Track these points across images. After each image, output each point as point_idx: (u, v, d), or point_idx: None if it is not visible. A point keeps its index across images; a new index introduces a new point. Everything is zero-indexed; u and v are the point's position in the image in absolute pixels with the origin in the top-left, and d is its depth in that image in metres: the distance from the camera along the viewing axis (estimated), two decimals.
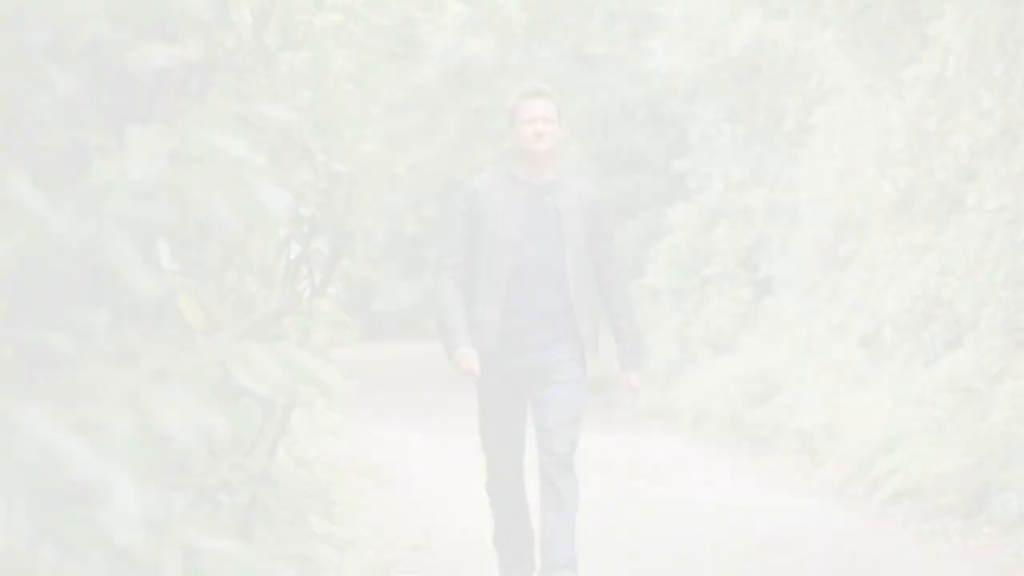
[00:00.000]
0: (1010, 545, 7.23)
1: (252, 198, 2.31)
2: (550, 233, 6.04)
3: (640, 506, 8.95)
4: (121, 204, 2.42)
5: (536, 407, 6.12)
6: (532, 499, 6.17)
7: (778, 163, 13.82)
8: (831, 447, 9.88)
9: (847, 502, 8.89)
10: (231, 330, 2.20)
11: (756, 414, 11.72)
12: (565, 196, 6.08)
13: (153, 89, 3.12)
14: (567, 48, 15.89)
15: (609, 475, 9.77)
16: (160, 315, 3.21)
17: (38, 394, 2.33)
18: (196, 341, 3.40)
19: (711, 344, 13.80)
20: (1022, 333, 8.43)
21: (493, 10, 16.02)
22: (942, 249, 9.67)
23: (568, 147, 17.17)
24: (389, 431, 13.15)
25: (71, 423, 2.18)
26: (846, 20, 10.76)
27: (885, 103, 10.75)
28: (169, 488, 3.59)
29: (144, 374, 2.26)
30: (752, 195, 14.01)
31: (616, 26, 15.59)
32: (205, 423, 2.05)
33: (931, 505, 8.01)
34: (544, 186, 6.08)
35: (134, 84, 3.09)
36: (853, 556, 7.36)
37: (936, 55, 9.27)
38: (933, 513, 7.97)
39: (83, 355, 2.42)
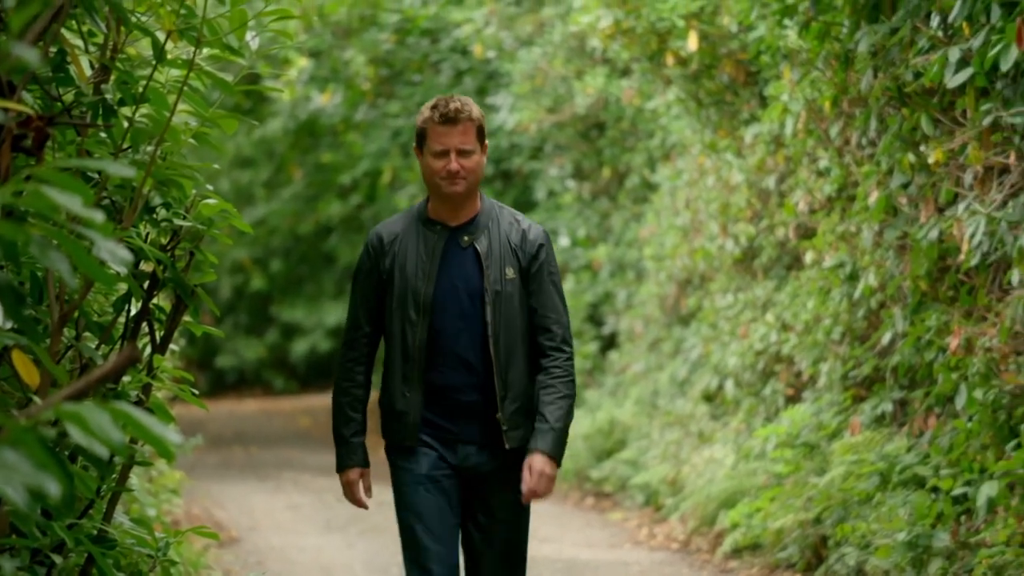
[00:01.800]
0: None
1: (90, 254, 2.27)
2: (471, 287, 4.91)
3: None
4: None
5: (468, 537, 5.00)
6: None
7: (623, 220, 13.97)
8: (675, 502, 9.96)
9: (691, 556, 8.97)
10: (68, 388, 2.15)
11: (602, 469, 11.78)
12: (489, 237, 4.94)
13: None
14: (414, 104, 15.93)
15: None
16: None
17: None
18: (31, 399, 3.33)
19: None
20: (859, 389, 8.59)
21: (340, 66, 16.01)
22: (782, 305, 9.84)
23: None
24: (232, 488, 12.97)
25: None
26: (688, 80, 10.94)
27: (727, 161, 10.94)
28: (1, 551, 3.50)
29: None
30: (598, 251, 14.15)
31: (463, 83, 15.67)
32: (38, 484, 2.00)
33: (771, 559, 8.11)
34: (464, 225, 4.95)
35: None
36: None
37: (775, 115, 9.46)
38: (773, 567, 8.07)
39: None
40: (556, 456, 4.80)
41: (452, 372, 4.92)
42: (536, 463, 4.81)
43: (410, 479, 4.92)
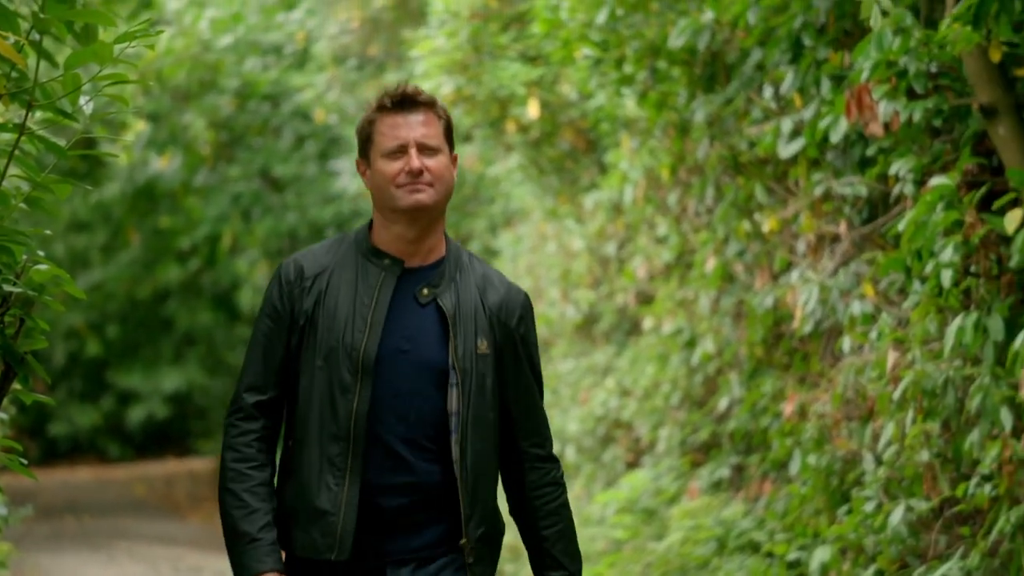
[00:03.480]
0: None
1: None
2: (429, 352, 3.64)
3: None
4: None
5: None
6: None
7: None
8: (515, 568, 9.94)
9: None
10: None
11: None
12: (458, 293, 3.68)
13: None
14: (255, 169, 15.83)
15: None
16: None
17: None
18: None
19: None
20: (697, 454, 8.67)
21: (179, 130, 15.85)
22: (622, 371, 9.91)
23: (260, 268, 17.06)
24: (64, 560, 12.65)
25: None
26: (529, 147, 11.02)
27: (567, 228, 11.02)
28: None
29: None
30: None
31: (304, 147, 15.62)
32: None
33: None
34: (423, 270, 3.68)
35: None
36: None
37: (614, 183, 9.56)
38: None
39: None
40: None
41: (388, 469, 3.63)
42: None
43: None
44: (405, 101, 3.67)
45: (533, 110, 10.53)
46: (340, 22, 13.65)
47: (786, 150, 6.85)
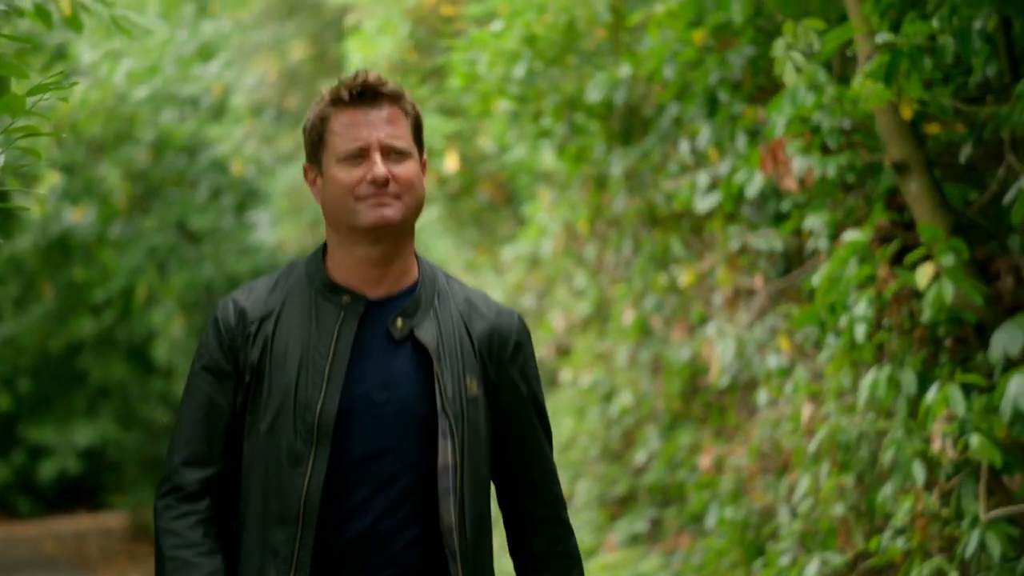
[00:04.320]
0: None
1: None
2: (410, 398, 2.97)
3: None
4: None
5: None
6: None
7: None
8: None
9: None
10: None
11: None
12: (439, 322, 3.01)
13: None
14: (171, 221, 15.71)
15: None
16: None
17: None
18: None
19: None
20: (615, 507, 8.67)
21: (94, 182, 15.73)
22: None
23: (175, 321, 16.91)
24: None
25: None
26: (448, 200, 11.03)
27: (486, 280, 11.02)
28: None
29: None
30: None
31: (221, 199, 15.54)
32: None
33: None
34: (393, 300, 3.01)
35: None
36: None
37: (533, 236, 9.58)
38: None
39: None
40: None
41: (352, 558, 2.93)
42: None
43: None
44: (366, 93, 2.96)
45: (452, 163, 10.54)
46: (257, 74, 13.63)
47: (702, 204, 6.90)
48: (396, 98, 3.00)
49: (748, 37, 6.31)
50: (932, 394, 4.88)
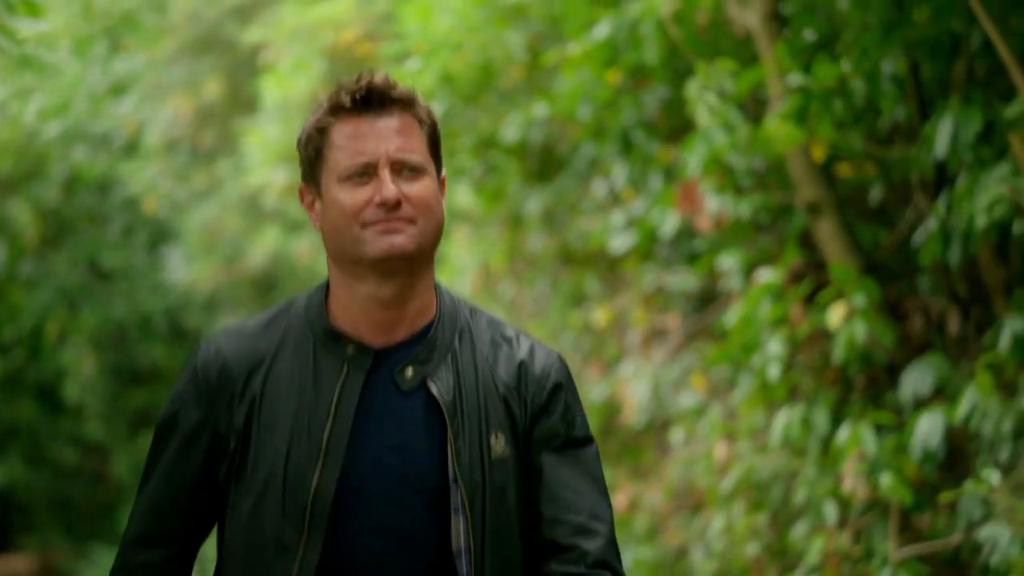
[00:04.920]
0: None
1: None
2: (419, 463, 2.48)
3: None
4: None
5: None
6: None
7: None
8: None
9: None
10: None
11: None
12: (457, 369, 2.52)
13: None
14: (82, 259, 15.54)
15: None
16: None
17: None
18: None
19: None
20: None
21: (3, 220, 15.54)
22: None
23: (89, 361, 16.71)
24: None
25: None
26: None
27: None
28: None
29: None
30: None
31: (134, 237, 15.40)
32: None
33: None
34: (403, 348, 2.52)
35: None
36: None
37: (449, 273, 9.56)
38: None
39: None
40: None
41: None
42: None
43: None
44: (372, 98, 2.49)
45: None
46: (171, 112, 13.55)
47: (617, 244, 6.92)
48: (408, 103, 2.52)
49: (662, 77, 6.36)
50: (843, 433, 4.91)
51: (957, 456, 4.95)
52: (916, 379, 4.90)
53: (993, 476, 4.25)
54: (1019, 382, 4.44)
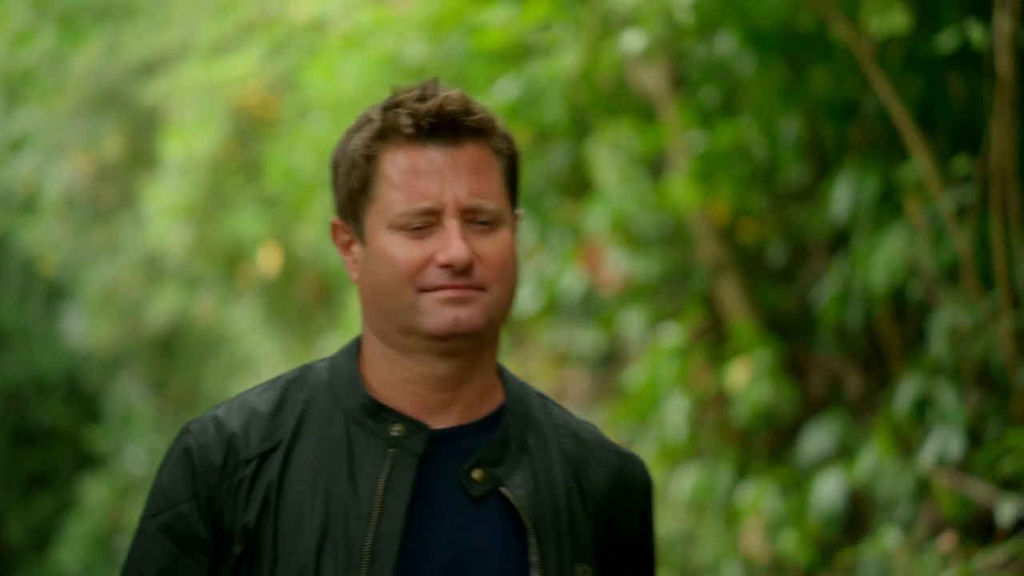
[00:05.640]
0: None
1: None
2: None
3: None
4: None
5: None
6: None
7: None
8: None
9: None
10: None
11: None
12: (534, 469, 1.98)
13: None
14: None
15: None
16: None
17: None
18: None
19: None
20: None
21: None
22: None
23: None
24: None
25: None
26: (264, 293, 10.93)
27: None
28: None
29: None
30: None
31: (31, 299, 15.19)
32: None
33: None
34: (467, 433, 1.98)
35: None
36: None
37: (350, 331, 9.52)
38: None
39: None
40: None
41: None
42: None
43: None
44: (442, 125, 1.94)
45: (270, 258, 10.46)
46: (70, 167, 13.42)
47: (523, 306, 6.91)
48: (485, 132, 1.96)
49: (567, 134, 6.37)
50: (746, 492, 4.92)
51: (858, 515, 4.98)
52: (817, 438, 4.93)
53: (892, 535, 4.27)
54: (915, 441, 4.48)
